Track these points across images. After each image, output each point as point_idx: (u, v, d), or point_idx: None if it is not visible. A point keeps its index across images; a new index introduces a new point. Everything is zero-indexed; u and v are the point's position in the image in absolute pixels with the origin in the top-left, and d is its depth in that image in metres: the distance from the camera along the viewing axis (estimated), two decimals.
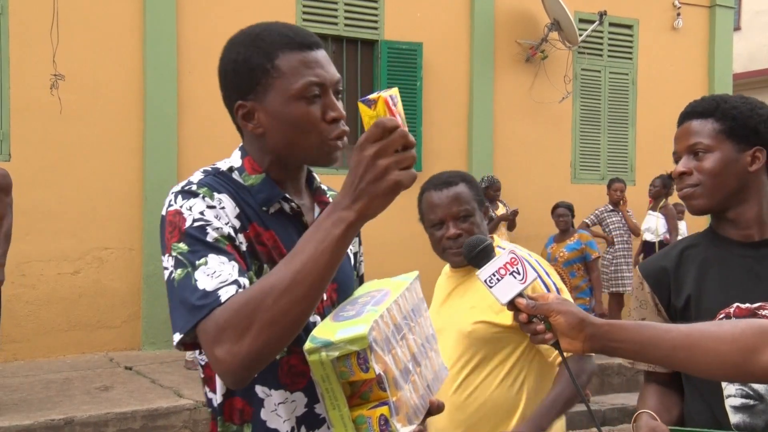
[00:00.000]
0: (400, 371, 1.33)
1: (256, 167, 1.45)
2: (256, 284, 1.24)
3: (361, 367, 1.23)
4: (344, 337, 1.23)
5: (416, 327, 1.47)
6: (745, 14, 16.60)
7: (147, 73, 7.07)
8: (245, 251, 1.36)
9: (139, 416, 5.07)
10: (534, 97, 8.80)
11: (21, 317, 6.54)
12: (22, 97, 6.62)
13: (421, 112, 8.22)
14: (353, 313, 1.33)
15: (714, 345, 1.31)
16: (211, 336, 1.22)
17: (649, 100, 9.47)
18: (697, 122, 1.72)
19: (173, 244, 1.31)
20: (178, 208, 1.34)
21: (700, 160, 1.69)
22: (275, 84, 1.40)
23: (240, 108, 1.43)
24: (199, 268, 1.27)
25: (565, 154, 9.09)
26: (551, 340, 1.38)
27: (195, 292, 1.25)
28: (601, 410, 6.12)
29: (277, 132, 1.42)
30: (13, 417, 4.90)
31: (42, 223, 6.60)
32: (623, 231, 7.77)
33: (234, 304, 1.22)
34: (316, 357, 1.24)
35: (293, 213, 1.47)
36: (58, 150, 6.72)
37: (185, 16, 7.25)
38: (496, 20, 8.67)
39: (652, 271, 1.78)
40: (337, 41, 8.02)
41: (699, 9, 9.94)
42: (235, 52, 1.45)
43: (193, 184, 1.37)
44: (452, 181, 2.27)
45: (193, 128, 7.08)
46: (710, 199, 1.69)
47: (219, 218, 1.34)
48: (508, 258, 1.42)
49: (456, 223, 2.22)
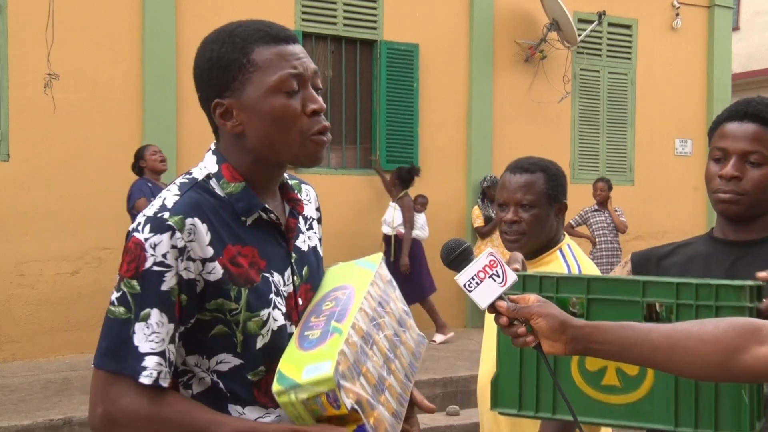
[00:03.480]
0: (374, 386, 1.33)
1: (236, 175, 1.41)
2: (172, 412, 1.30)
3: (332, 405, 1.24)
4: (310, 379, 1.23)
5: (386, 317, 1.46)
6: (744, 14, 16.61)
7: (146, 72, 7.07)
8: (216, 281, 1.34)
9: None
10: (533, 97, 8.81)
11: (20, 317, 6.54)
12: (20, 96, 6.61)
13: (419, 112, 8.23)
14: (318, 335, 1.32)
15: (695, 345, 1.31)
16: (104, 396, 1.31)
17: (647, 100, 9.48)
18: (763, 129, 1.65)
19: (126, 279, 1.31)
20: (142, 240, 1.30)
21: (754, 169, 1.65)
22: (252, 78, 1.37)
23: (217, 106, 1.40)
24: (140, 321, 1.30)
25: (564, 154, 9.09)
26: (533, 343, 1.37)
27: (127, 344, 1.30)
28: None
29: (257, 129, 1.38)
30: (11, 417, 4.90)
31: (41, 223, 6.60)
32: (607, 231, 7.79)
33: (136, 410, 1.30)
34: (286, 398, 1.25)
35: (270, 222, 1.45)
36: (57, 150, 6.72)
37: (184, 15, 7.24)
38: (495, 20, 8.67)
39: (639, 257, 1.81)
40: (336, 41, 8.02)
41: (698, 9, 9.95)
42: (209, 50, 1.41)
43: (166, 210, 1.32)
44: (530, 169, 2.21)
45: (192, 128, 7.07)
46: (748, 211, 1.68)
47: (182, 259, 1.31)
48: (487, 261, 1.39)
49: (516, 210, 2.18)
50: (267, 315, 1.38)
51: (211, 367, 1.38)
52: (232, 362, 1.37)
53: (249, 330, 1.36)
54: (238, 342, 1.36)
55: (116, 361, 1.30)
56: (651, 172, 9.51)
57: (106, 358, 1.31)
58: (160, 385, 1.30)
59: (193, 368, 1.38)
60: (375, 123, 8.14)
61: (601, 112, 9.39)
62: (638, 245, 8.16)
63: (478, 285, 1.39)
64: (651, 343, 1.33)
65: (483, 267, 1.39)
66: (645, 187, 9.13)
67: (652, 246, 1.91)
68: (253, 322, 1.36)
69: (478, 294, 1.39)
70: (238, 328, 1.36)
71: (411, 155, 8.16)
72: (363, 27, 8.07)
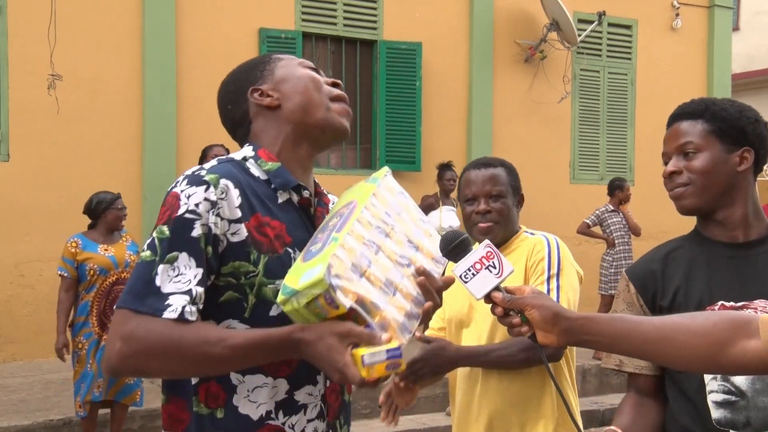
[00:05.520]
0: (380, 288, 1.37)
1: (272, 156, 1.52)
2: (189, 332, 1.32)
3: (331, 306, 1.29)
4: (305, 283, 1.29)
5: (396, 227, 1.50)
6: (744, 14, 16.61)
7: (146, 73, 7.07)
8: (238, 242, 1.40)
9: (138, 416, 5.07)
10: (533, 97, 8.81)
11: (20, 317, 6.54)
12: (20, 97, 6.61)
13: (420, 112, 8.22)
14: (319, 246, 1.37)
15: (685, 338, 1.33)
16: (121, 331, 1.33)
17: (647, 101, 9.48)
18: (687, 123, 1.73)
19: (159, 225, 1.39)
20: (179, 192, 1.40)
21: (690, 160, 1.71)
22: (279, 64, 1.59)
23: (254, 91, 1.56)
24: (165, 263, 1.35)
25: (564, 155, 9.09)
26: (528, 333, 1.41)
27: (150, 284, 1.34)
28: (600, 410, 6.13)
29: (291, 95, 1.54)
30: (12, 417, 4.90)
31: (41, 224, 6.60)
32: (623, 232, 7.68)
33: (159, 336, 1.32)
34: (290, 306, 1.31)
35: (300, 204, 1.53)
36: (57, 150, 6.72)
37: (184, 15, 7.24)
38: (495, 20, 8.68)
39: (639, 274, 1.80)
40: (336, 41, 8.02)
41: (698, 9, 9.95)
42: (236, 71, 1.63)
43: (203, 170, 1.43)
44: (492, 164, 2.36)
45: (193, 128, 7.07)
46: (700, 199, 1.71)
47: (213, 212, 1.38)
48: (484, 252, 1.42)
49: (487, 201, 2.29)
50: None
51: None
52: (237, 328, 1.41)
53: (264, 295, 1.41)
54: (248, 307, 1.41)
55: (138, 300, 1.33)
56: (651, 172, 9.49)
57: (128, 297, 1.35)
58: (186, 318, 1.33)
59: None
60: (375, 123, 8.14)
61: (601, 112, 9.39)
62: (639, 245, 8.14)
63: (474, 276, 1.42)
64: (642, 336, 1.36)
65: (480, 258, 1.42)
66: (645, 187, 9.12)
67: (651, 246, 1.90)
68: (269, 288, 1.41)
69: (474, 285, 1.42)
70: (252, 292, 1.41)
71: (413, 155, 8.16)
72: (363, 27, 8.08)
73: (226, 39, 7.26)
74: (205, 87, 7.02)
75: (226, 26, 7.31)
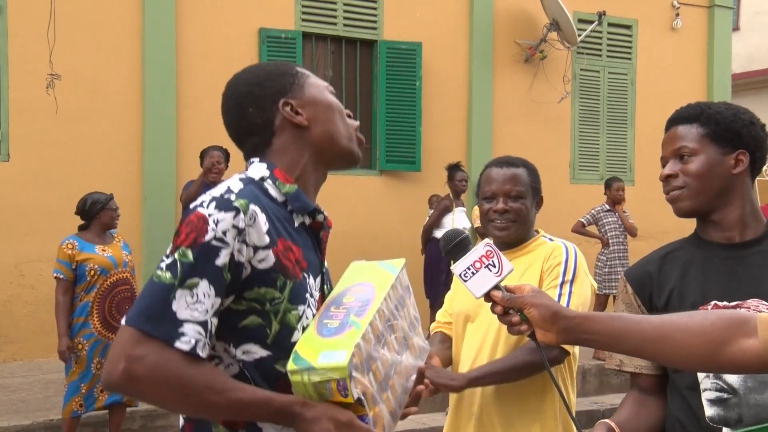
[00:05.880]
0: (379, 383, 1.39)
1: (288, 178, 1.50)
2: (197, 374, 1.30)
3: (340, 392, 1.31)
4: (325, 364, 1.30)
5: (399, 321, 1.52)
6: (744, 14, 16.61)
7: (146, 73, 7.07)
8: (266, 269, 1.38)
9: (138, 416, 5.07)
10: (533, 97, 8.81)
11: (20, 317, 6.54)
12: (20, 97, 6.61)
13: (420, 112, 8.23)
14: (337, 325, 1.37)
15: (683, 337, 1.34)
16: (129, 353, 1.28)
17: (648, 101, 9.48)
18: (683, 127, 1.76)
19: (183, 247, 1.33)
20: (206, 215, 1.34)
21: (686, 163, 1.73)
22: (308, 81, 1.57)
23: (286, 104, 1.52)
24: (185, 288, 1.30)
25: (564, 155, 9.09)
26: (527, 332, 1.41)
27: (166, 308, 1.30)
28: (600, 410, 6.13)
29: (321, 120, 1.54)
30: (12, 417, 4.90)
31: (41, 224, 6.60)
32: (618, 232, 7.67)
33: (168, 370, 1.29)
34: (299, 378, 1.32)
35: (311, 227, 1.53)
36: (57, 150, 6.72)
37: (184, 15, 7.24)
38: (495, 20, 8.68)
39: (636, 275, 1.82)
40: (336, 41, 8.02)
41: (698, 9, 9.95)
42: (253, 73, 1.56)
43: (233, 193, 1.37)
44: (514, 163, 2.35)
45: (193, 128, 7.08)
46: (695, 201, 1.73)
47: (239, 240, 1.34)
48: (484, 251, 1.43)
49: (506, 200, 2.29)
50: (302, 312, 1.42)
51: (237, 356, 1.40)
52: (258, 353, 1.39)
53: (288, 322, 1.40)
54: (271, 333, 1.39)
55: (151, 323, 1.29)
56: (651, 172, 9.47)
57: (140, 317, 1.30)
58: (198, 354, 1.31)
59: (222, 353, 1.41)
60: (375, 123, 8.14)
61: (601, 112, 9.39)
62: (639, 246, 8.14)
63: (474, 275, 1.43)
64: (640, 334, 1.37)
65: (480, 257, 1.43)
66: (645, 187, 9.12)
67: (651, 247, 1.91)
68: (292, 315, 1.41)
69: (473, 283, 1.43)
70: (276, 319, 1.39)
71: (413, 155, 8.16)
72: (363, 27, 8.08)
73: (226, 39, 7.26)
74: (205, 87, 7.03)
75: (226, 26, 7.31)
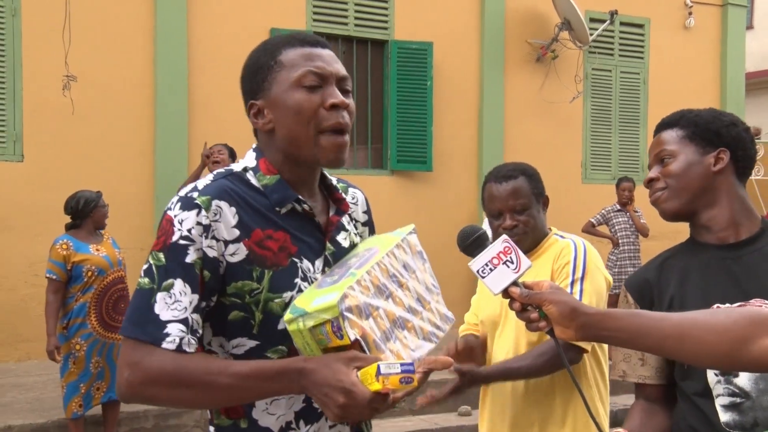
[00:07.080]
0: (383, 332, 1.38)
1: (271, 168, 1.49)
2: (190, 362, 1.34)
3: (336, 334, 1.30)
4: (317, 306, 1.30)
5: (409, 282, 1.51)
6: (757, 13, 16.50)
7: (158, 74, 7.10)
8: (238, 261, 1.40)
9: (151, 415, 5.10)
10: (544, 96, 8.78)
11: (34, 317, 6.58)
12: (34, 98, 6.66)
13: (431, 112, 8.22)
14: (335, 278, 1.38)
15: (704, 335, 1.32)
16: (129, 361, 1.35)
17: (660, 100, 9.42)
18: (665, 133, 1.79)
19: (155, 251, 1.39)
20: (173, 216, 1.39)
21: (666, 165, 1.75)
22: (277, 77, 1.46)
23: (251, 107, 1.50)
24: (162, 290, 1.36)
25: (576, 154, 9.06)
26: (546, 328, 1.40)
27: (149, 312, 1.35)
28: (613, 410, 6.10)
29: (282, 125, 1.46)
30: (26, 416, 4.94)
31: (54, 224, 6.62)
32: (629, 232, 7.62)
33: (162, 366, 1.33)
34: (295, 326, 1.32)
35: (305, 213, 1.51)
36: (70, 151, 6.77)
37: (196, 16, 7.27)
38: (506, 20, 8.66)
39: (635, 284, 1.81)
40: (347, 41, 8.03)
41: (711, 8, 9.89)
42: (248, 59, 1.54)
43: (196, 191, 1.41)
44: (512, 175, 2.35)
45: (204, 128, 7.10)
46: (677, 201, 1.73)
47: (206, 236, 1.38)
48: (502, 247, 1.41)
49: (512, 215, 2.31)
50: (290, 298, 1.42)
51: (230, 350, 1.43)
52: (247, 345, 1.43)
53: (271, 310, 1.41)
54: (255, 323, 1.42)
55: (140, 329, 1.35)
56: None
57: (130, 325, 1.37)
58: (184, 350, 1.35)
59: (218, 349, 1.45)
60: (386, 123, 8.15)
61: (613, 111, 9.35)
62: (652, 246, 8.09)
63: (492, 271, 1.41)
64: (661, 332, 1.35)
65: (497, 253, 1.41)
66: None
67: (663, 246, 1.90)
68: (275, 303, 1.41)
69: (491, 280, 1.41)
70: (258, 309, 1.41)
71: (424, 155, 8.16)
72: (374, 27, 8.08)
73: (238, 39, 7.27)
74: (216, 87, 7.06)
75: (237, 26, 7.33)
